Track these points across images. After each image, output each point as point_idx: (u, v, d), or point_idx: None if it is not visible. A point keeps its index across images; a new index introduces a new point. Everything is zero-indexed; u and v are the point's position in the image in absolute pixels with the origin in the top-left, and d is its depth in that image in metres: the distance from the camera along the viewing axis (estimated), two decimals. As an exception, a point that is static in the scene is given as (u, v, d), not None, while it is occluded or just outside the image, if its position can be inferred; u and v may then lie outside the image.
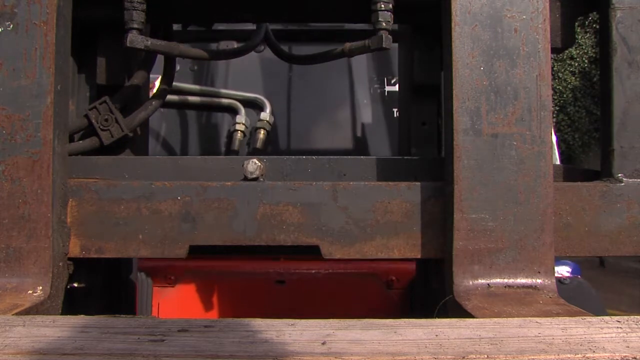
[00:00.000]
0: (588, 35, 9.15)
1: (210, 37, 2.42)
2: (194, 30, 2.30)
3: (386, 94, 2.61)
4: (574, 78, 9.23)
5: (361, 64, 2.63)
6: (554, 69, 9.02)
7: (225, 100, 2.60)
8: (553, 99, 1.10)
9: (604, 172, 1.22)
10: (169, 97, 1.87)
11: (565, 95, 9.26)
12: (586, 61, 9.22)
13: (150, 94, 1.50)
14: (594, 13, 1.33)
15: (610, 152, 1.20)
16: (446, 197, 1.14)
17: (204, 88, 2.61)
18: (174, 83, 1.52)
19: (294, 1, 1.37)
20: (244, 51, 1.65)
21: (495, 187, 1.09)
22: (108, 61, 1.38)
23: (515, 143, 1.09)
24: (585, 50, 9.24)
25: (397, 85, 2.46)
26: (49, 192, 1.06)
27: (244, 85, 2.63)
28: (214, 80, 2.67)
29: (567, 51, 9.05)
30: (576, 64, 9.28)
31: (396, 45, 1.60)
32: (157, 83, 1.48)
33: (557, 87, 9.21)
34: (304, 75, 2.60)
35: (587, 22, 9.04)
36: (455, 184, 1.08)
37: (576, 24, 1.30)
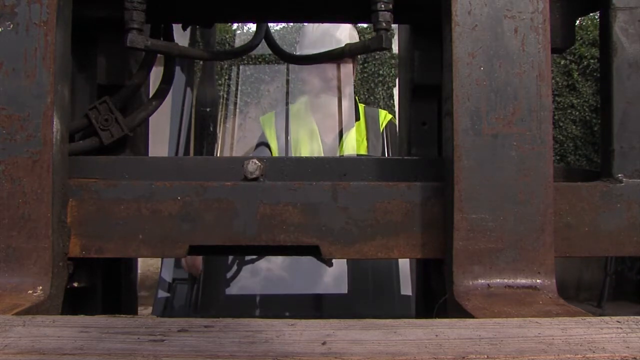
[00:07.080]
0: (589, 83, 9.03)
1: None
2: None
3: None
4: (574, 127, 9.13)
5: None
6: (555, 117, 8.90)
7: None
8: (554, 148, 1.10)
9: (603, 173, 1.22)
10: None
11: (565, 145, 9.16)
12: (587, 110, 9.11)
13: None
14: (594, 62, 1.35)
15: (610, 153, 1.20)
16: (446, 197, 1.14)
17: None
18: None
19: (294, 1, 1.37)
20: (244, 51, 1.65)
21: (495, 187, 1.09)
22: (108, 61, 1.38)
23: (515, 143, 1.09)
24: (586, 99, 9.11)
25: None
26: (49, 192, 1.06)
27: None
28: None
29: (567, 100, 9.00)
30: (577, 113, 9.17)
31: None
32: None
33: (558, 136, 9.08)
34: None
35: (587, 71, 8.91)
36: (456, 184, 1.08)
37: (576, 73, 1.32)
